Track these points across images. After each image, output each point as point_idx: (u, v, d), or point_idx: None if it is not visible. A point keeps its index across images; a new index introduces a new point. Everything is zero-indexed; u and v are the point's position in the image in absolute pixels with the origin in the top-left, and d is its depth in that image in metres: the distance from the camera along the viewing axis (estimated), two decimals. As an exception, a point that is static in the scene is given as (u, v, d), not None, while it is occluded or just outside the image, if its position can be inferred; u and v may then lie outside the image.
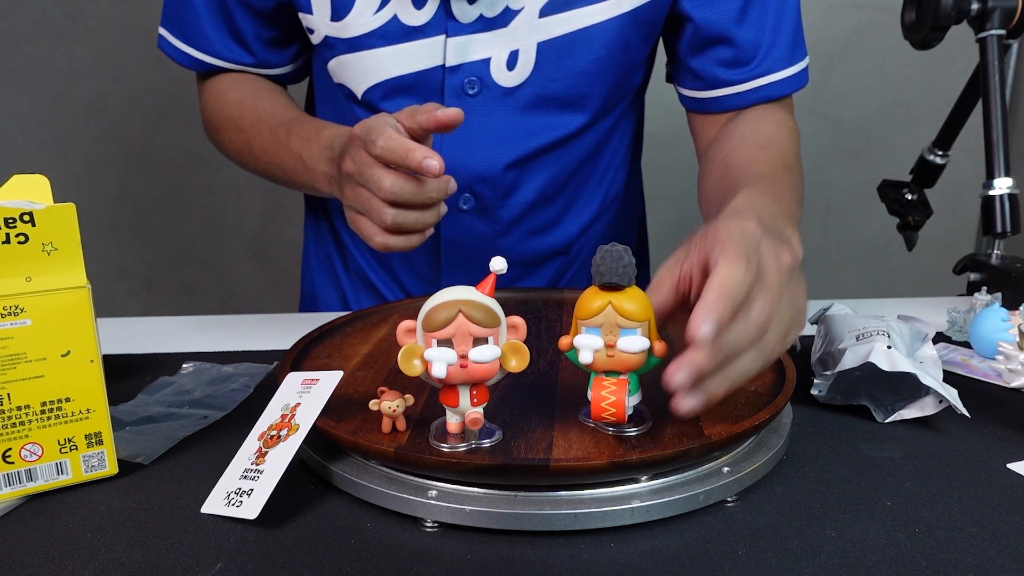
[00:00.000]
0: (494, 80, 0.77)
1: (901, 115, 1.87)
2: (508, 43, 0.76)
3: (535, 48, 0.76)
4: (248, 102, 0.83)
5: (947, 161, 1.11)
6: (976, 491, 0.48)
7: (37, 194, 0.49)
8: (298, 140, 0.75)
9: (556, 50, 0.77)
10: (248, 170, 0.86)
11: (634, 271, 0.45)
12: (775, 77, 0.81)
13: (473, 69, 0.77)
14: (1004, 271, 0.82)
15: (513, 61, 0.77)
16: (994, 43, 0.86)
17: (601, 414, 0.46)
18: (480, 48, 0.76)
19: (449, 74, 0.77)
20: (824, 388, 0.59)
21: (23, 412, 0.46)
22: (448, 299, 0.44)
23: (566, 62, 0.77)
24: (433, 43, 0.75)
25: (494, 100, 0.78)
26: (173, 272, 1.94)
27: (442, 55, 0.76)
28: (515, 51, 0.76)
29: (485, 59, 0.76)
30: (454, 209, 0.81)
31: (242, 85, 0.85)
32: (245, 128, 0.81)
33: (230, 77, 0.86)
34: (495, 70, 0.77)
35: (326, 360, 0.62)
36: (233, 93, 0.84)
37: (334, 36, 0.77)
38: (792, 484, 0.49)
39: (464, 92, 0.77)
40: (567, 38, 0.76)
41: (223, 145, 0.87)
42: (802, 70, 0.83)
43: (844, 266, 1.99)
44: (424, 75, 0.77)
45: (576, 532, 0.44)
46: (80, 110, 1.81)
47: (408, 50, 0.76)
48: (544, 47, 0.76)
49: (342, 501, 0.47)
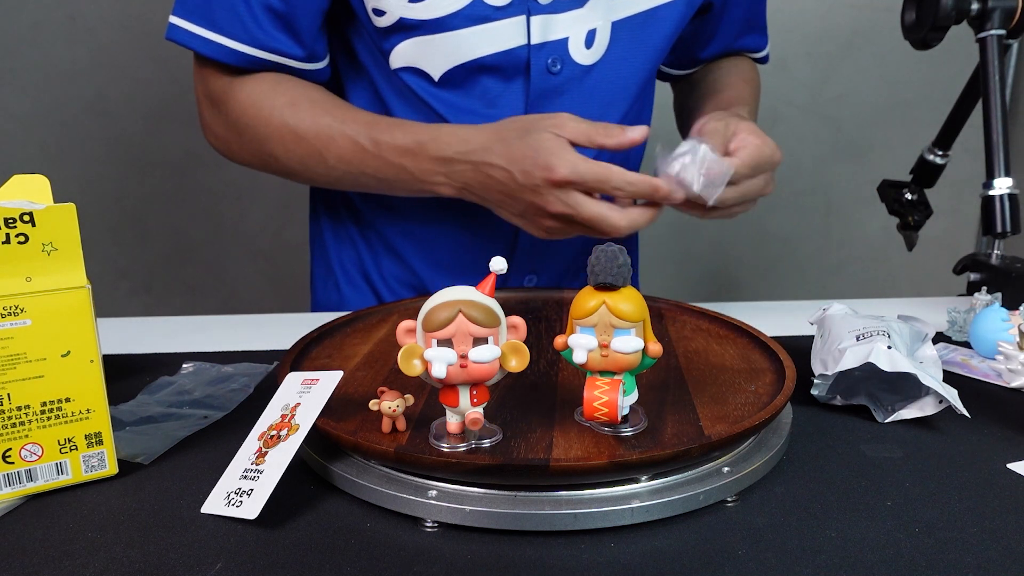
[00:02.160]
0: (573, 59, 0.79)
1: (901, 115, 1.87)
2: (585, 22, 0.78)
3: (610, 27, 0.79)
4: (303, 103, 0.77)
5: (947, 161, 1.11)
6: (976, 491, 0.48)
7: (37, 194, 0.49)
8: (393, 151, 0.74)
9: (630, 28, 0.80)
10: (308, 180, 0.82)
11: (629, 271, 0.45)
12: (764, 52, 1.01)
13: (555, 48, 0.78)
14: (1004, 271, 0.82)
15: (591, 39, 0.79)
16: (994, 43, 0.86)
17: (593, 414, 0.46)
18: (559, 27, 0.77)
19: (535, 52, 0.77)
20: (824, 388, 0.59)
21: (23, 412, 0.46)
22: (448, 299, 0.44)
23: (639, 39, 0.81)
24: (516, 23, 0.76)
25: (575, 78, 0.80)
26: (173, 272, 1.94)
27: (526, 34, 0.76)
28: (592, 30, 0.78)
29: (564, 38, 0.78)
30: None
31: (288, 88, 0.78)
32: (308, 135, 0.76)
33: (270, 79, 0.78)
34: (573, 48, 0.79)
35: (326, 360, 0.62)
36: (280, 97, 0.77)
37: (412, 17, 0.75)
38: (792, 484, 0.49)
39: (548, 70, 0.79)
40: (639, 16, 0.80)
41: (274, 155, 0.79)
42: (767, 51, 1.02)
43: (844, 266, 1.99)
44: (509, 55, 0.77)
45: (576, 532, 0.44)
46: (80, 110, 1.81)
47: (492, 30, 0.76)
48: (618, 25, 0.79)
49: (342, 501, 0.47)
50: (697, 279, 1.99)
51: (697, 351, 0.63)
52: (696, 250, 1.95)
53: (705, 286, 2.00)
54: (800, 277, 2.00)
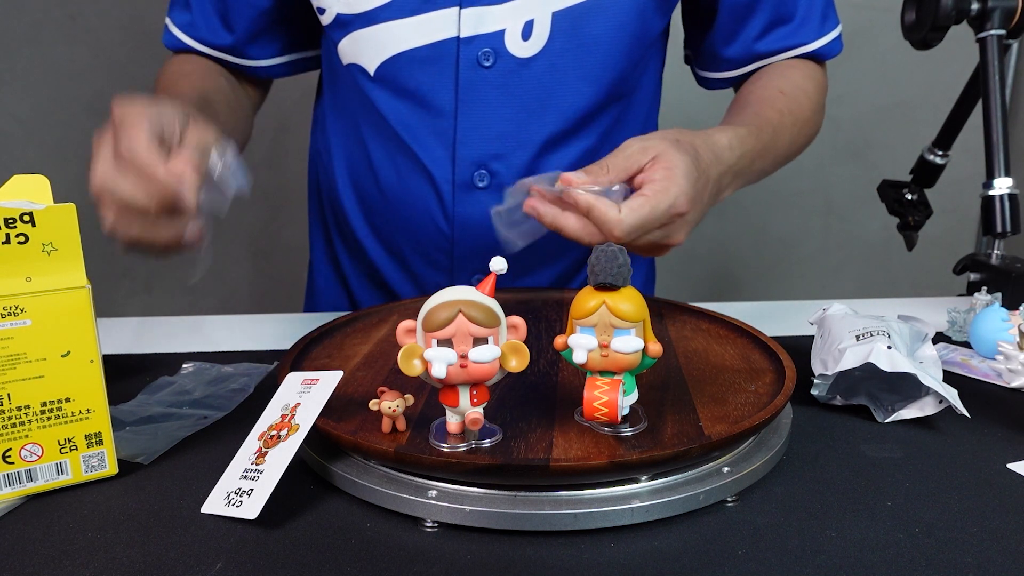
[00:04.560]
0: (509, 51, 0.77)
1: (901, 115, 1.87)
2: (523, 13, 0.76)
3: (550, 17, 0.76)
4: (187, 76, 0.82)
5: (947, 161, 1.11)
6: (976, 491, 0.48)
7: (37, 194, 0.48)
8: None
9: (571, 19, 0.76)
10: None
11: (629, 271, 0.45)
12: (807, 48, 0.85)
13: (488, 40, 0.76)
14: (1004, 271, 0.82)
15: (528, 31, 0.76)
16: (994, 43, 0.86)
17: (593, 414, 0.46)
18: (494, 19, 0.76)
19: (464, 46, 0.76)
20: (824, 388, 0.59)
21: (23, 412, 0.46)
22: (448, 299, 0.44)
23: (581, 31, 0.77)
24: (447, 14, 0.75)
25: (509, 72, 0.77)
26: (173, 272, 1.94)
27: (456, 26, 0.76)
28: (530, 21, 0.76)
29: (500, 30, 0.76)
30: (470, 185, 0.80)
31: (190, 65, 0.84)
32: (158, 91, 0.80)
33: (184, 58, 0.85)
34: (510, 41, 0.76)
35: (326, 360, 0.62)
36: (186, 65, 0.84)
37: (347, 12, 0.77)
38: (792, 484, 0.49)
39: (479, 64, 0.77)
40: (582, 7, 0.76)
41: None
42: (835, 38, 0.86)
43: (844, 266, 1.99)
44: (438, 47, 0.76)
45: (576, 532, 0.44)
46: (80, 110, 1.81)
47: (422, 22, 0.76)
48: (559, 16, 0.76)
49: (342, 501, 0.47)
50: (697, 279, 1.99)
51: (697, 351, 0.63)
52: (696, 250, 1.95)
53: (705, 286, 2.00)
54: (800, 277, 2.00)
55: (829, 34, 0.85)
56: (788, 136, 0.79)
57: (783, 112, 0.79)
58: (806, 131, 0.84)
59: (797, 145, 0.83)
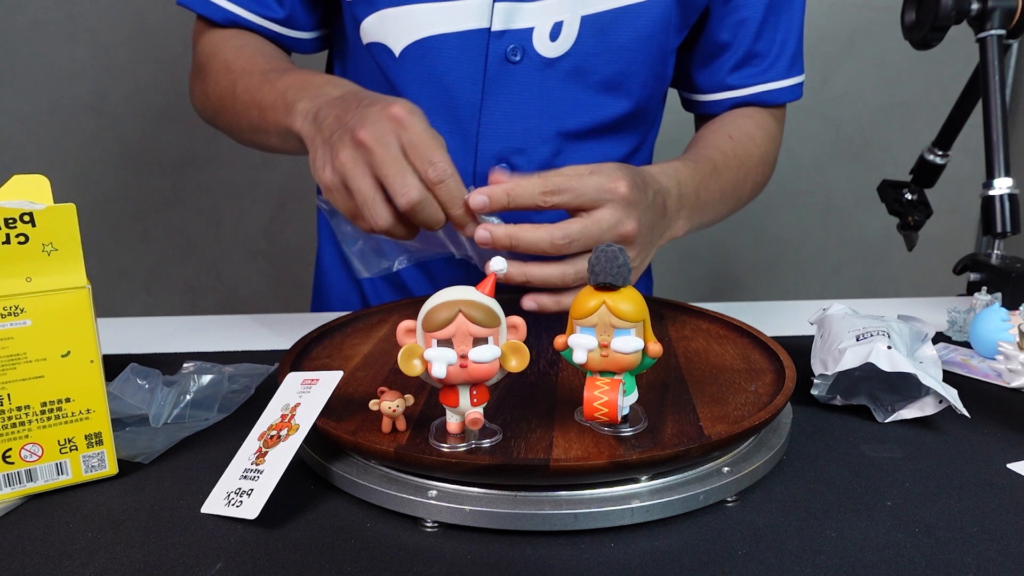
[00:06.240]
0: (536, 50, 0.78)
1: (901, 115, 1.87)
2: (553, 14, 0.77)
3: (579, 21, 0.77)
4: (249, 49, 0.79)
5: (947, 161, 1.11)
6: (976, 491, 0.48)
7: (37, 194, 0.49)
8: (291, 79, 0.70)
9: (599, 24, 0.78)
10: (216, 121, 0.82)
11: (629, 271, 0.45)
12: (773, 86, 0.88)
13: (517, 37, 0.77)
14: (1004, 271, 0.82)
15: (556, 32, 0.77)
16: (994, 43, 0.86)
17: (593, 414, 0.46)
18: (525, 16, 0.76)
19: (494, 39, 0.77)
20: (824, 388, 0.59)
21: (23, 412, 0.46)
22: (448, 299, 0.44)
23: (608, 37, 0.78)
24: (480, 5, 0.76)
25: (535, 70, 0.78)
26: (173, 272, 1.94)
27: (488, 18, 0.76)
28: (559, 22, 0.77)
29: (529, 28, 0.77)
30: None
31: (250, 38, 0.82)
32: (235, 70, 0.77)
33: (236, 31, 0.82)
34: (537, 40, 0.77)
35: (326, 360, 0.62)
36: (237, 39, 0.81)
37: None
38: (792, 484, 0.49)
39: (507, 59, 0.78)
40: (611, 13, 0.77)
41: (204, 89, 0.82)
42: (797, 84, 0.90)
43: (844, 266, 1.99)
44: (468, 36, 0.77)
45: (576, 532, 0.44)
46: (80, 110, 1.81)
47: (454, 8, 0.76)
48: (588, 20, 0.77)
49: (342, 501, 0.47)
50: (697, 279, 1.99)
51: (697, 351, 0.63)
52: (696, 250, 1.95)
53: (705, 286, 2.00)
54: (800, 277, 2.00)
55: (794, 78, 0.89)
56: (732, 176, 0.81)
57: (727, 154, 0.81)
58: (752, 176, 0.86)
59: (744, 189, 0.85)
